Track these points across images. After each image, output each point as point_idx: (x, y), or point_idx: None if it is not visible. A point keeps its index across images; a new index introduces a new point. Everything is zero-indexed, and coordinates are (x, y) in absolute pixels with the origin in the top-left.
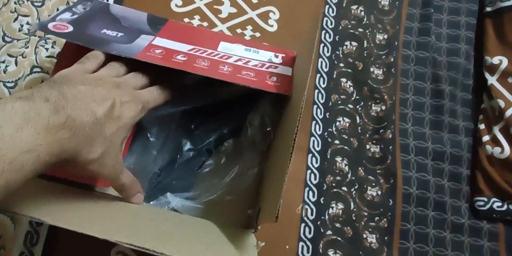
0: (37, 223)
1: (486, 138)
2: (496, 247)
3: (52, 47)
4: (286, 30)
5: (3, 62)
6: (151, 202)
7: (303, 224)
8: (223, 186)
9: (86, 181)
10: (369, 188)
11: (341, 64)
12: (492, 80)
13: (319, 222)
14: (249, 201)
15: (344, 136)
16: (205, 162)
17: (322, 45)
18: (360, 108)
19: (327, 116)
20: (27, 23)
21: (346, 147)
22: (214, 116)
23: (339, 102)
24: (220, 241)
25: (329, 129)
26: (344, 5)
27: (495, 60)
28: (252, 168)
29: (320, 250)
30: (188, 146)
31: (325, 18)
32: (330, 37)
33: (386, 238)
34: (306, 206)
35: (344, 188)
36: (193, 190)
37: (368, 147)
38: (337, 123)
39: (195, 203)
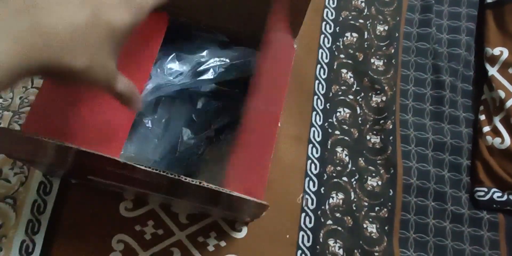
0: (39, 211)
1: (486, 128)
2: (496, 237)
3: None
4: None
5: None
6: None
7: (303, 214)
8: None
9: None
10: (369, 178)
11: (342, 55)
12: (492, 71)
13: (319, 212)
14: None
15: (344, 126)
16: (205, 149)
17: (322, 36)
18: (360, 99)
19: (328, 107)
20: None
21: (346, 138)
22: (214, 104)
23: (340, 93)
24: None
25: (330, 120)
26: None
27: (496, 51)
28: None
29: (321, 240)
30: (188, 134)
31: (326, 9)
32: (330, 28)
33: (386, 228)
34: (307, 196)
35: (345, 178)
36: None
37: (368, 137)
38: (338, 114)
39: None
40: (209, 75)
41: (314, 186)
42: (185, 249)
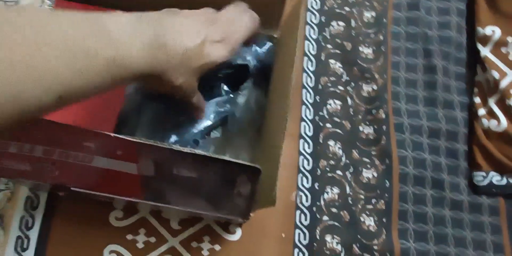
0: (27, 227)
1: (482, 111)
2: (497, 222)
3: None
4: None
5: None
6: None
7: (298, 211)
8: None
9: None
10: (364, 170)
11: (329, 46)
12: (485, 51)
13: (314, 208)
14: None
15: (336, 119)
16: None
17: (308, 27)
18: (351, 89)
19: (317, 100)
20: None
21: (338, 130)
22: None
23: (329, 84)
24: None
25: (320, 113)
26: None
27: (488, 30)
28: (241, 155)
29: (318, 237)
30: (174, 138)
31: (310, 0)
32: (316, 19)
33: (384, 220)
34: (301, 193)
35: (339, 172)
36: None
37: (361, 128)
38: (328, 106)
39: None
40: None
41: (307, 182)
42: (177, 255)
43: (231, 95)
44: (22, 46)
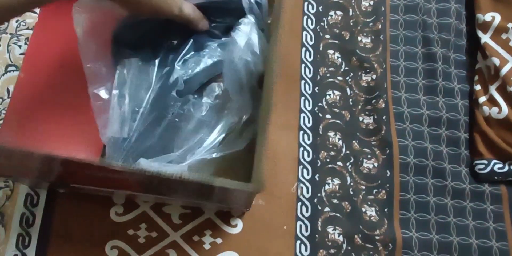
0: (28, 224)
1: (482, 99)
2: (499, 210)
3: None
4: None
5: None
6: None
7: (299, 203)
8: (212, 143)
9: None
10: (365, 160)
11: (327, 36)
12: (485, 38)
13: (315, 200)
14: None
15: (335, 109)
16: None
17: (305, 17)
18: (350, 80)
19: (316, 91)
20: None
21: (338, 121)
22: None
23: (328, 75)
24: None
25: (319, 104)
26: None
27: (488, 17)
28: (244, 117)
29: (319, 228)
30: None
31: None
32: (313, 8)
33: (386, 210)
34: (301, 185)
35: (339, 163)
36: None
37: (361, 119)
38: (327, 97)
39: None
40: None
41: (308, 174)
42: (180, 250)
43: (224, 39)
44: None
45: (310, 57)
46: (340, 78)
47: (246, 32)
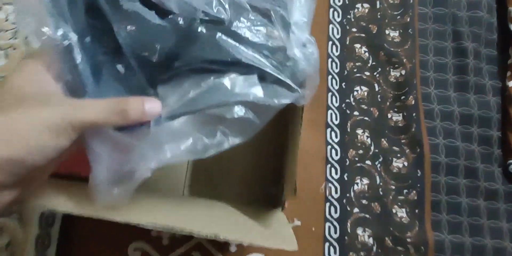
0: (47, 224)
1: None
2: None
3: None
4: None
5: None
6: None
7: (328, 204)
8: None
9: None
10: (394, 159)
11: (354, 29)
12: None
13: (344, 200)
14: (270, 177)
15: (363, 106)
16: None
17: (331, 10)
18: (378, 75)
19: (343, 86)
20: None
21: (366, 118)
22: None
23: (355, 70)
24: (253, 222)
25: (347, 100)
26: None
27: None
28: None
29: (348, 230)
30: None
31: None
32: (339, 1)
33: (416, 211)
34: (330, 184)
35: (368, 162)
36: None
37: (389, 116)
38: (355, 93)
39: None
40: None
41: (336, 173)
42: (206, 252)
43: None
44: None
45: (336, 51)
46: (367, 73)
47: None
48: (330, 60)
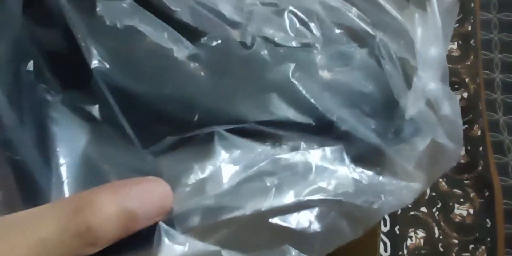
0: None
1: None
2: None
3: None
4: None
5: None
6: None
7: None
8: None
9: None
10: (456, 205)
11: None
12: None
13: None
14: None
15: None
16: None
17: None
18: None
19: None
20: None
21: None
22: None
23: None
24: None
25: None
26: None
27: None
28: None
29: None
30: None
31: None
32: None
33: None
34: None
35: (423, 209)
36: None
37: None
38: None
39: None
40: None
41: (385, 226)
42: None
43: None
44: None
45: None
46: None
47: None
48: None
